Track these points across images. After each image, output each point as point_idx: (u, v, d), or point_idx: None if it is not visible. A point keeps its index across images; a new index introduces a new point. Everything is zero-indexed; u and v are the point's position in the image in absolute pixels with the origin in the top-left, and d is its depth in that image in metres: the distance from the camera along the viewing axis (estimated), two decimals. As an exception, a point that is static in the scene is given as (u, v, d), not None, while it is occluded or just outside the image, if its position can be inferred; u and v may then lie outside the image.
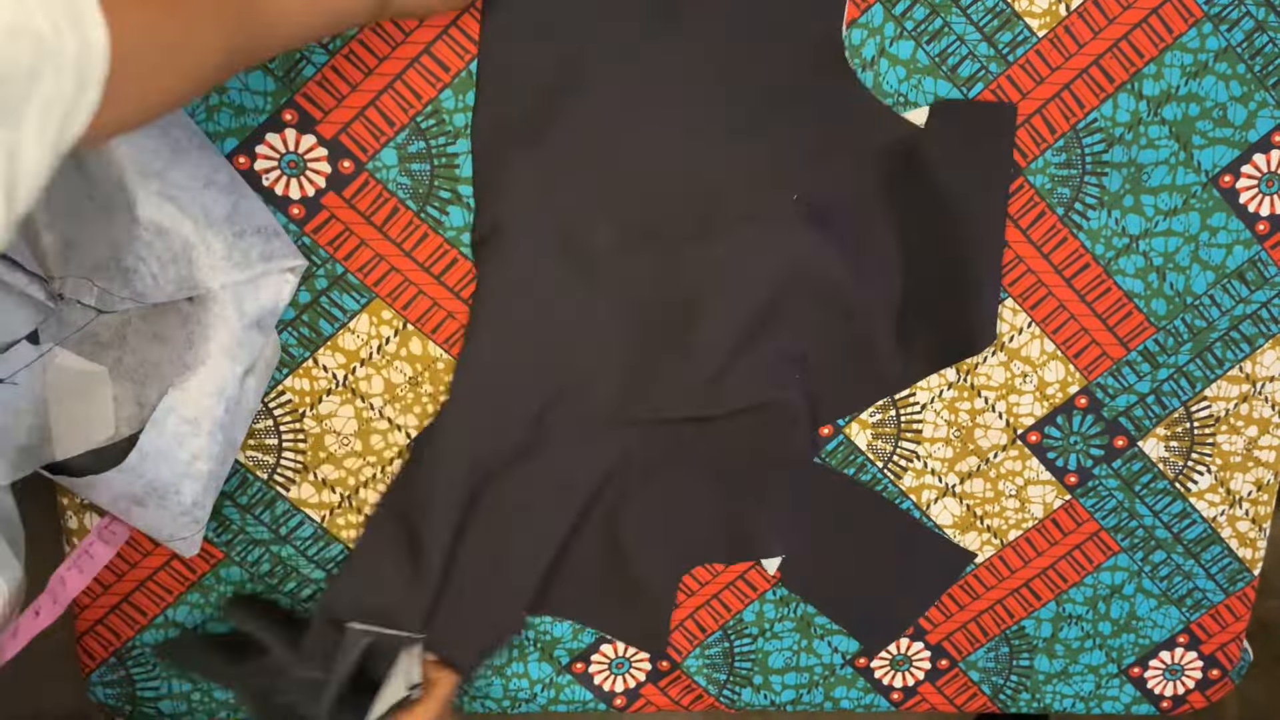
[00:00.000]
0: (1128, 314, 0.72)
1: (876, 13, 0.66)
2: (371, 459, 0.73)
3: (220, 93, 0.65)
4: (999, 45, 0.67)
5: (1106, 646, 0.80)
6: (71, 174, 0.60)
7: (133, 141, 0.60)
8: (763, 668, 0.80)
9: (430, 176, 0.67)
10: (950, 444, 0.75)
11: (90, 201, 0.60)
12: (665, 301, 0.70)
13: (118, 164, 0.59)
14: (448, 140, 0.67)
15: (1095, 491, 0.76)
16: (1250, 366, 0.73)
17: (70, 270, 0.61)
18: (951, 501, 0.76)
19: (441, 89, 0.66)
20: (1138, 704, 0.82)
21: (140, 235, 0.60)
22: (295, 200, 0.67)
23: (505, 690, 0.80)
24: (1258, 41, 0.67)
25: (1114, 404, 0.74)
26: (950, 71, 0.67)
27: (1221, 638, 0.80)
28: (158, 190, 0.60)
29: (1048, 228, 0.70)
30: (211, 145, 0.65)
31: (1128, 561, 0.78)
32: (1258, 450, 0.75)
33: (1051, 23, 0.66)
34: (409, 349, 0.70)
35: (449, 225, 0.68)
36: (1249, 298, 0.72)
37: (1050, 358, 0.73)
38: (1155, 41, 0.67)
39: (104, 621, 0.76)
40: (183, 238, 0.61)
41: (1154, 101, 0.68)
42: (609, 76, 0.66)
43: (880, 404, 0.74)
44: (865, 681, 0.81)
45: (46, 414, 0.63)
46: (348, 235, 0.68)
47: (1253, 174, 0.69)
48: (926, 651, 0.80)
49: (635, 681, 0.80)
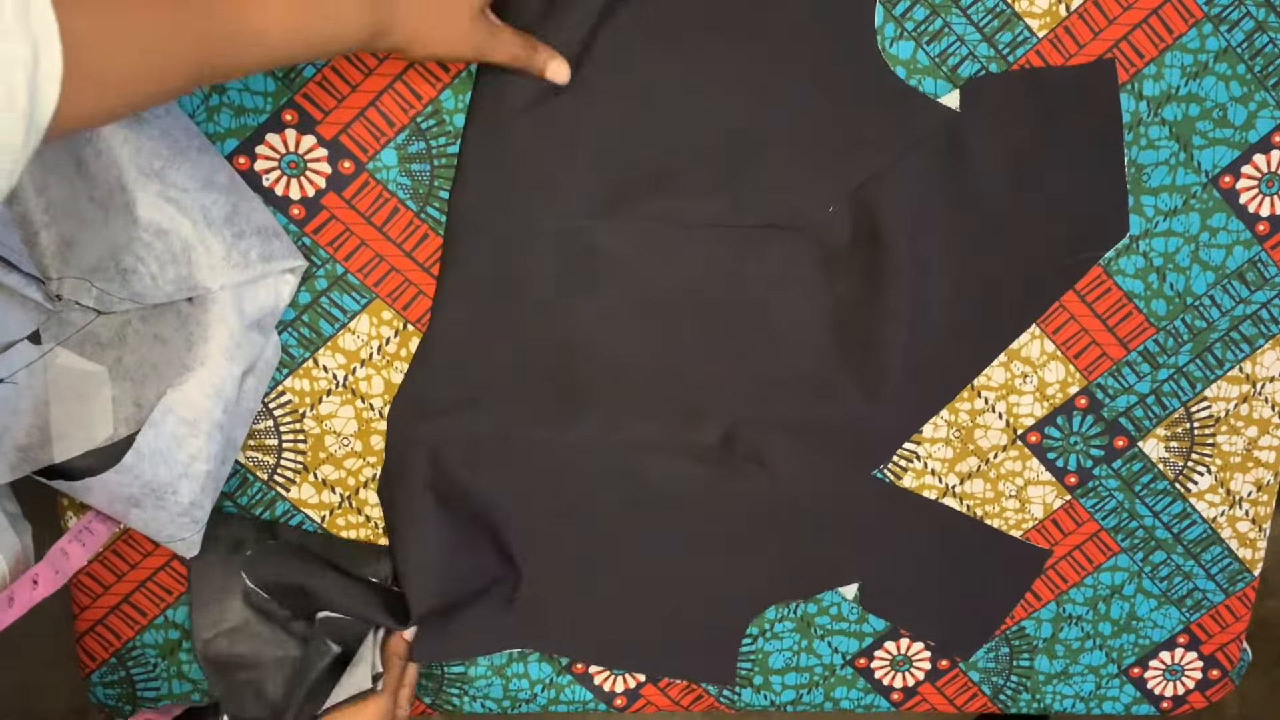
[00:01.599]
0: (1128, 314, 0.72)
1: (878, 13, 0.66)
2: (372, 459, 0.73)
3: (220, 93, 0.65)
4: (999, 46, 0.67)
5: (1107, 647, 0.80)
6: (70, 174, 0.59)
7: (132, 142, 0.60)
8: (763, 668, 0.80)
9: (430, 176, 0.67)
10: (950, 444, 0.75)
11: (89, 202, 0.60)
12: (694, 306, 0.69)
13: (117, 165, 0.59)
14: (448, 140, 0.67)
15: (1095, 492, 0.76)
16: (1250, 367, 0.73)
17: (69, 270, 0.61)
18: (952, 502, 0.76)
19: (442, 89, 0.66)
20: (1138, 704, 0.82)
21: (139, 236, 0.60)
22: (296, 201, 0.67)
23: (505, 690, 0.80)
24: (1258, 42, 0.67)
25: (1114, 404, 0.74)
26: (950, 72, 0.67)
27: (1221, 638, 0.80)
28: (157, 191, 0.60)
29: (1048, 228, 0.70)
30: (211, 146, 0.65)
31: (1128, 562, 0.78)
32: (1258, 451, 0.75)
33: (1051, 23, 0.66)
34: (409, 349, 0.70)
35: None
36: (1249, 298, 0.72)
37: (1050, 358, 0.73)
38: (1155, 42, 0.67)
39: (104, 622, 0.76)
40: (182, 238, 0.61)
41: (1154, 102, 0.68)
42: (611, 80, 0.66)
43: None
44: (865, 682, 0.81)
45: (46, 414, 0.63)
46: (348, 236, 0.68)
47: (1253, 174, 0.69)
48: (927, 652, 0.80)
49: (635, 682, 0.80)
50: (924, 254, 0.68)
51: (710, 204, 0.67)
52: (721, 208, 0.67)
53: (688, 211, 0.67)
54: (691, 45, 0.65)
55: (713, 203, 0.67)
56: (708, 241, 0.68)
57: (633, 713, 0.81)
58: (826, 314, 0.70)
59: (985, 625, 0.79)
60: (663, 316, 0.69)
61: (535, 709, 0.81)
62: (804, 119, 0.66)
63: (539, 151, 0.66)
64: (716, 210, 0.67)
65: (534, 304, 0.69)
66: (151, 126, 0.60)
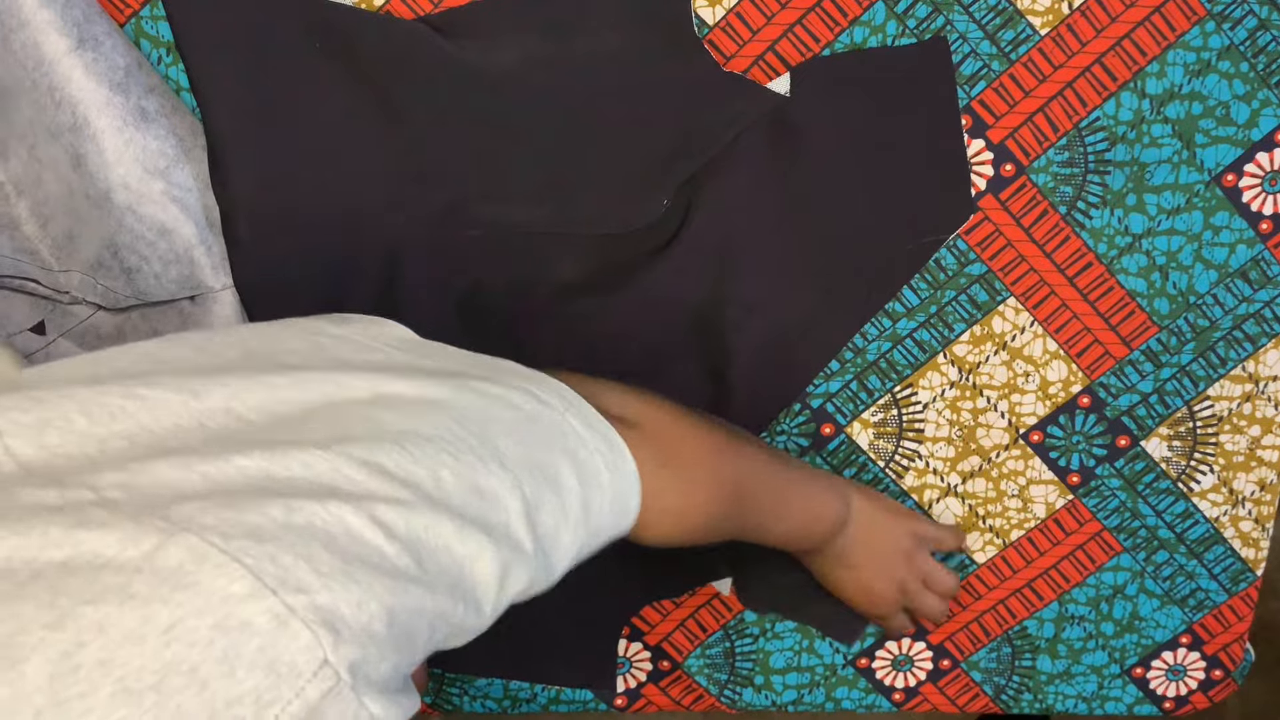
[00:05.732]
0: (1130, 313, 0.72)
1: (879, 10, 0.66)
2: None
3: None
4: (1001, 43, 0.66)
5: (1109, 647, 0.80)
6: (69, 172, 0.59)
7: (138, 141, 0.60)
8: (764, 668, 0.80)
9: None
10: (952, 443, 0.74)
11: (87, 199, 0.60)
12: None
13: (121, 163, 0.59)
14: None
15: (1098, 491, 0.76)
16: (1253, 366, 0.73)
17: (71, 264, 0.61)
18: (954, 501, 0.76)
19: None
20: (1140, 704, 0.82)
21: (143, 235, 0.60)
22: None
23: (505, 690, 0.79)
24: (1261, 40, 0.66)
25: (1116, 403, 0.74)
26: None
27: (1224, 638, 0.80)
28: (162, 190, 0.60)
29: (1050, 227, 0.70)
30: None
31: (1130, 562, 0.78)
32: (1261, 450, 0.75)
33: (1054, 21, 0.66)
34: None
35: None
36: (1252, 297, 0.72)
37: (1053, 357, 0.73)
38: (1158, 40, 0.66)
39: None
40: (185, 238, 0.61)
41: (1157, 100, 0.68)
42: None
43: (882, 403, 0.74)
44: (867, 682, 0.81)
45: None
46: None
47: (1256, 173, 0.69)
48: (928, 652, 0.80)
49: (636, 681, 0.80)
50: (762, 243, 0.68)
51: (540, 210, 0.67)
52: (549, 213, 0.67)
53: (517, 217, 0.67)
54: (511, 46, 0.64)
55: (542, 209, 0.67)
56: (539, 245, 0.68)
57: (633, 712, 0.81)
58: (668, 308, 0.70)
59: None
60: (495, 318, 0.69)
61: (535, 709, 0.81)
62: (630, 115, 0.66)
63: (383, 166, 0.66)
64: (546, 216, 0.67)
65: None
66: (158, 126, 0.61)
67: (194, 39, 0.61)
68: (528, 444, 0.43)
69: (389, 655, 0.34)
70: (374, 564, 0.35)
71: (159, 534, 0.32)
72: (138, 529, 0.32)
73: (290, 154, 0.64)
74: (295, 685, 0.31)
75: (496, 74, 0.64)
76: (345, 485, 0.36)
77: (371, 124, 0.64)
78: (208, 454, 0.35)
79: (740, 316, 0.70)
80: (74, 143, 0.59)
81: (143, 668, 0.29)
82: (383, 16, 0.63)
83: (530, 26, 0.64)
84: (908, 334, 0.72)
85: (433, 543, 0.37)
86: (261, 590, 0.31)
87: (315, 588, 0.32)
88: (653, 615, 0.78)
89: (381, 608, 0.34)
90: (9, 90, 0.58)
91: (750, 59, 0.66)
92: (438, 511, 0.37)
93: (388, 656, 0.34)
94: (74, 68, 0.58)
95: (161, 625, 0.30)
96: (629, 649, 0.79)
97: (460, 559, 0.38)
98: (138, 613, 0.30)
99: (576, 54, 0.64)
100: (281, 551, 0.33)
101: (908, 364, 0.73)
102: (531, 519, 0.41)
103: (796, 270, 0.70)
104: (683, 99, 0.66)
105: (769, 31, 0.66)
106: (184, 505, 0.33)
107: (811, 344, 0.72)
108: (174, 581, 0.31)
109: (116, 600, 0.30)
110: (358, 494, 0.36)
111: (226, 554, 0.32)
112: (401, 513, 0.36)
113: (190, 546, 0.32)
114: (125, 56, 0.60)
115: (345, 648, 0.32)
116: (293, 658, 0.31)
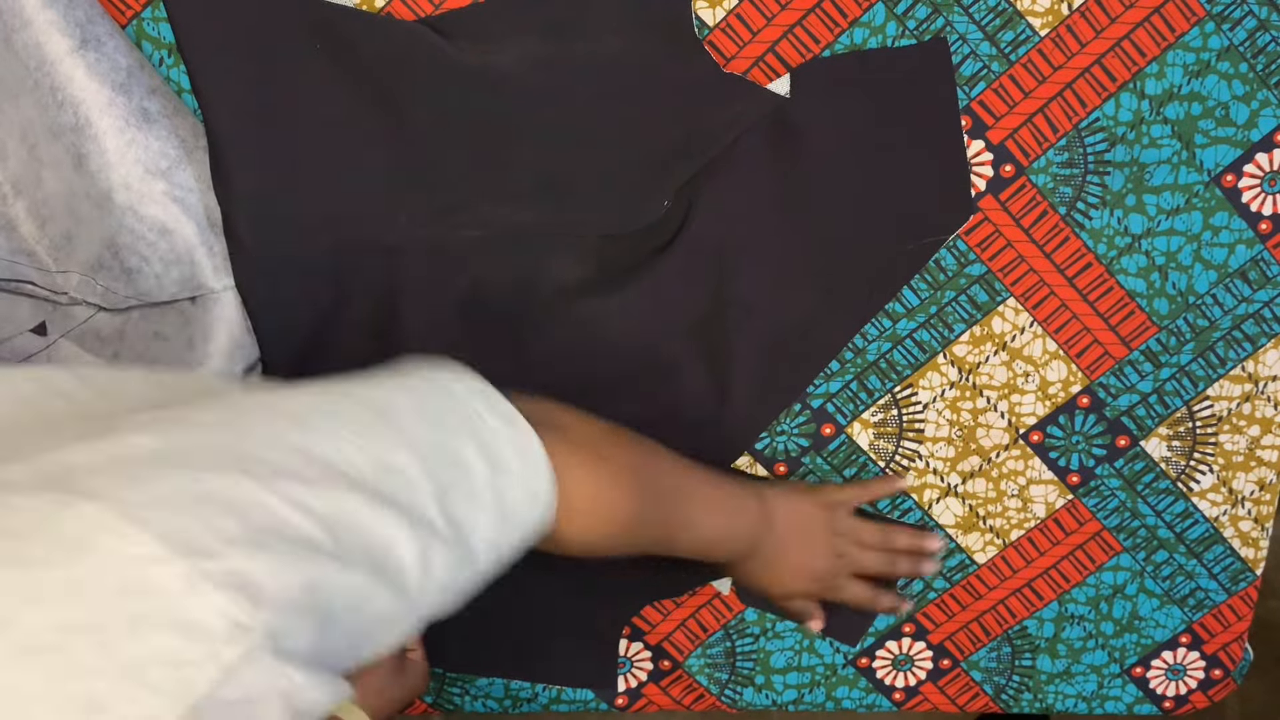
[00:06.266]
0: (1130, 313, 0.72)
1: (879, 11, 0.66)
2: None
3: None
4: (1001, 44, 0.67)
5: (1109, 646, 0.80)
6: (70, 172, 0.60)
7: (139, 142, 0.60)
8: (764, 667, 0.80)
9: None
10: (952, 444, 0.75)
11: (88, 199, 0.60)
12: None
13: (122, 164, 0.59)
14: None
15: (1097, 491, 0.76)
16: (1253, 366, 0.73)
17: (69, 265, 0.61)
18: (954, 501, 0.76)
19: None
20: (1140, 704, 0.82)
21: (145, 235, 0.60)
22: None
23: (506, 690, 0.80)
24: (1260, 40, 0.67)
25: (1116, 403, 0.74)
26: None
27: (1224, 638, 0.80)
28: (163, 190, 0.60)
29: (1050, 227, 0.70)
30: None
31: (1130, 561, 0.78)
32: (1260, 450, 0.75)
33: (1054, 21, 0.66)
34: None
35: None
36: (1251, 297, 0.72)
37: (1052, 357, 0.73)
38: (1157, 40, 0.67)
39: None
40: (186, 239, 0.61)
41: (1156, 100, 0.68)
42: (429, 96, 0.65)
43: (882, 403, 0.74)
44: (867, 681, 0.81)
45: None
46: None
47: (1255, 173, 0.69)
48: (928, 651, 0.80)
49: (637, 681, 0.80)
50: (762, 243, 0.68)
51: (540, 210, 0.67)
52: (549, 214, 0.67)
53: (517, 217, 0.67)
54: (512, 47, 0.64)
55: (542, 209, 0.67)
56: (539, 245, 0.68)
57: (634, 712, 0.81)
58: (668, 309, 0.70)
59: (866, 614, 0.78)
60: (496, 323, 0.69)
61: (536, 708, 0.81)
62: (630, 116, 0.66)
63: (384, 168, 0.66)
64: (546, 217, 0.67)
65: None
66: (160, 127, 0.61)
67: (195, 40, 0.61)
68: (431, 425, 0.43)
69: (308, 630, 0.34)
70: (288, 536, 0.34)
71: (58, 505, 0.31)
72: (37, 499, 0.31)
73: (291, 155, 0.64)
74: (209, 647, 0.31)
75: (497, 75, 0.64)
76: (252, 465, 0.35)
77: (372, 125, 0.64)
78: (106, 433, 0.35)
79: (740, 317, 0.70)
80: (76, 143, 0.59)
81: (41, 627, 0.29)
82: (384, 18, 0.63)
83: (531, 28, 0.64)
84: (908, 334, 0.72)
85: (346, 520, 0.36)
86: (169, 554, 0.31)
87: (227, 554, 0.32)
88: (653, 615, 0.79)
89: (299, 577, 0.34)
90: (11, 90, 0.59)
91: (750, 60, 0.67)
92: (349, 488, 0.37)
93: (307, 630, 0.34)
94: (76, 68, 0.58)
95: (60, 587, 0.30)
96: (630, 649, 0.79)
97: (377, 537, 0.37)
98: (34, 575, 0.30)
99: (577, 55, 0.65)
100: (190, 520, 0.32)
101: (908, 364, 0.73)
102: (442, 500, 0.41)
103: (797, 271, 0.70)
104: (683, 100, 0.66)
105: (769, 33, 0.66)
106: (87, 478, 0.33)
107: (811, 344, 0.72)
108: (74, 545, 0.30)
109: (12, 564, 0.30)
110: (265, 473, 0.35)
111: (131, 519, 0.31)
112: (311, 489, 0.36)
113: (92, 513, 0.31)
114: (127, 57, 0.60)
115: (262, 613, 0.32)
116: (206, 620, 0.31)
